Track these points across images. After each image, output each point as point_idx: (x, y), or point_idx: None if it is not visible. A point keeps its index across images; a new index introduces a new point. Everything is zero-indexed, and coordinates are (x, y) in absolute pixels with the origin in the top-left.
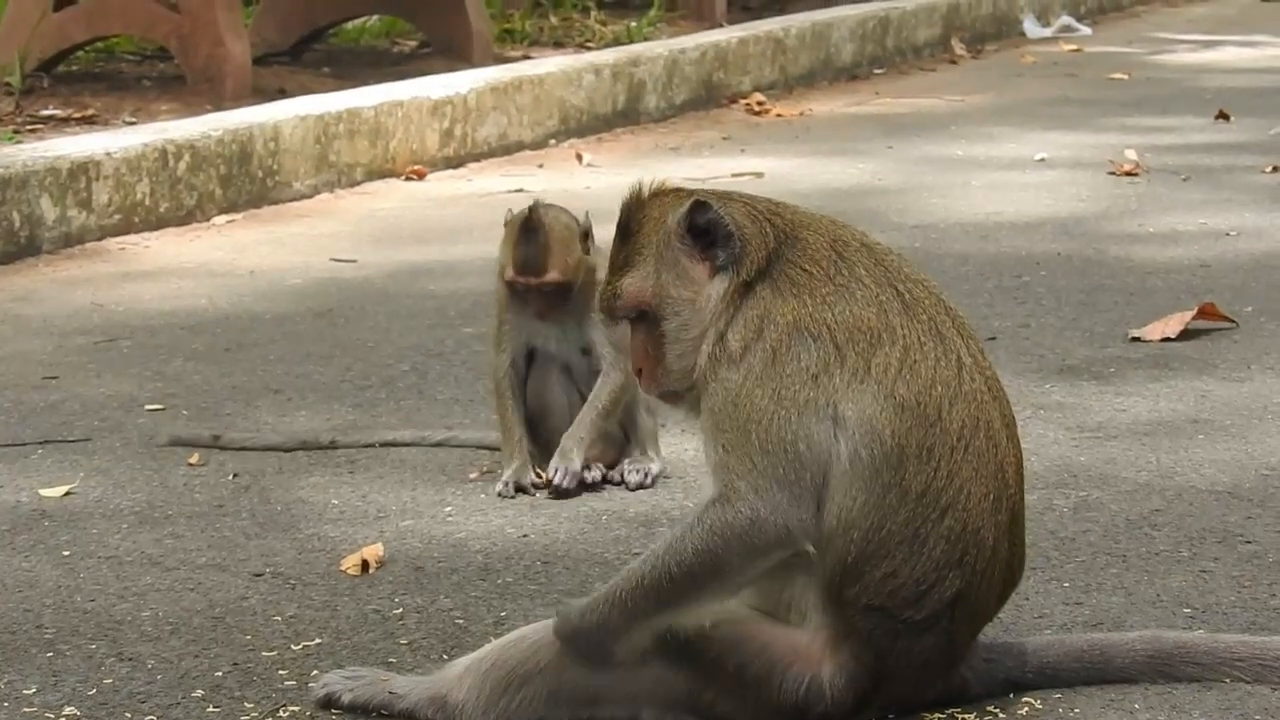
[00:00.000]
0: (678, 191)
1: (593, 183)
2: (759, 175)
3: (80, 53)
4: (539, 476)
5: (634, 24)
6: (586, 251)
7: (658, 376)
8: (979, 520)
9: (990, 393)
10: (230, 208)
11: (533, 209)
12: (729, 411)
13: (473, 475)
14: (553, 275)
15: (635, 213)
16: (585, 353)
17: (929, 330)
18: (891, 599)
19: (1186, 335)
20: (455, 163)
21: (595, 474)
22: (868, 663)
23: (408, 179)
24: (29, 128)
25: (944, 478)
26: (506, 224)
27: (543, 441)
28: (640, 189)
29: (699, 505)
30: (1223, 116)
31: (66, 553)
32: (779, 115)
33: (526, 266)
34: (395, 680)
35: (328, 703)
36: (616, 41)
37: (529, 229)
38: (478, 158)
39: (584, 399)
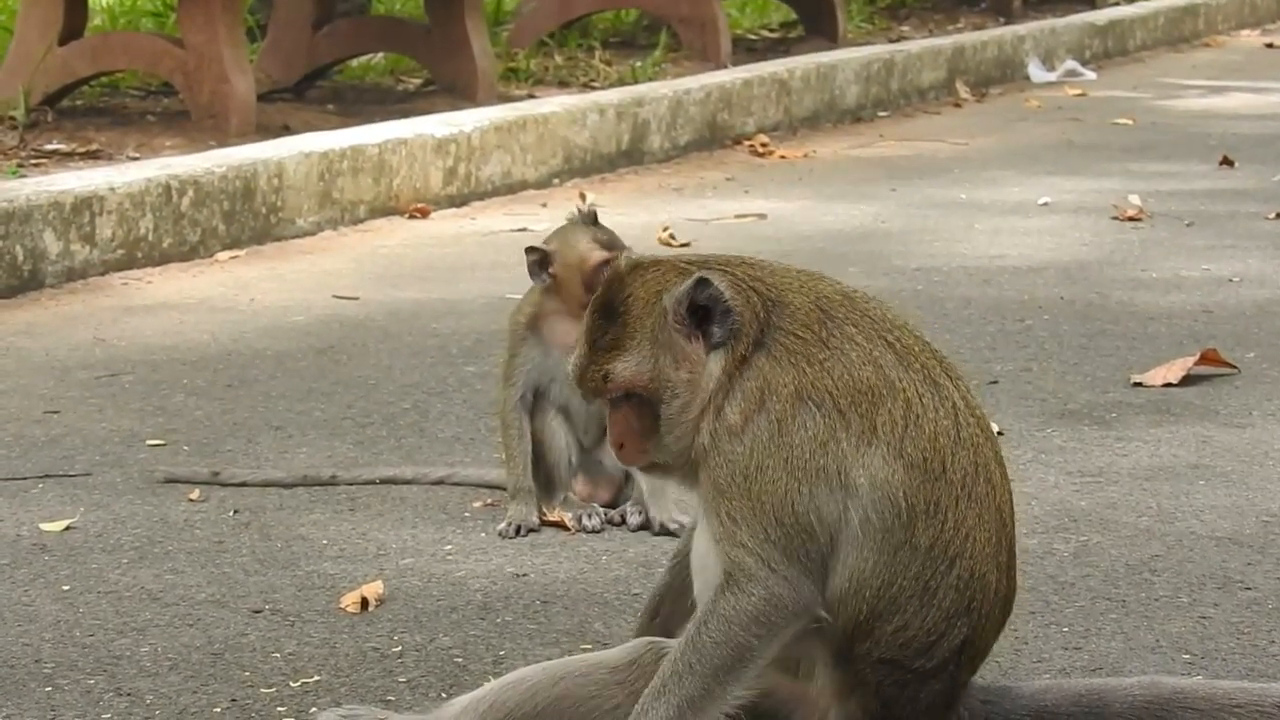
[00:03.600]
0: (657, 264)
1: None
2: (762, 217)
3: (85, 87)
4: (543, 516)
5: (638, 64)
6: None
7: (643, 452)
8: (984, 565)
9: (984, 433)
10: (234, 244)
11: (594, 210)
12: (739, 483)
13: (476, 504)
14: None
15: (619, 291)
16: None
17: (925, 379)
18: (903, 651)
19: (1188, 381)
20: (459, 201)
21: (595, 521)
22: (875, 711)
23: (411, 217)
24: (33, 162)
25: (951, 528)
26: (547, 241)
27: (541, 480)
28: (619, 265)
29: (705, 604)
30: (1227, 163)
31: (66, 587)
32: (783, 157)
33: (613, 243)
34: (392, 719)
35: None
36: (621, 81)
37: (594, 218)
38: (481, 196)
39: (580, 441)
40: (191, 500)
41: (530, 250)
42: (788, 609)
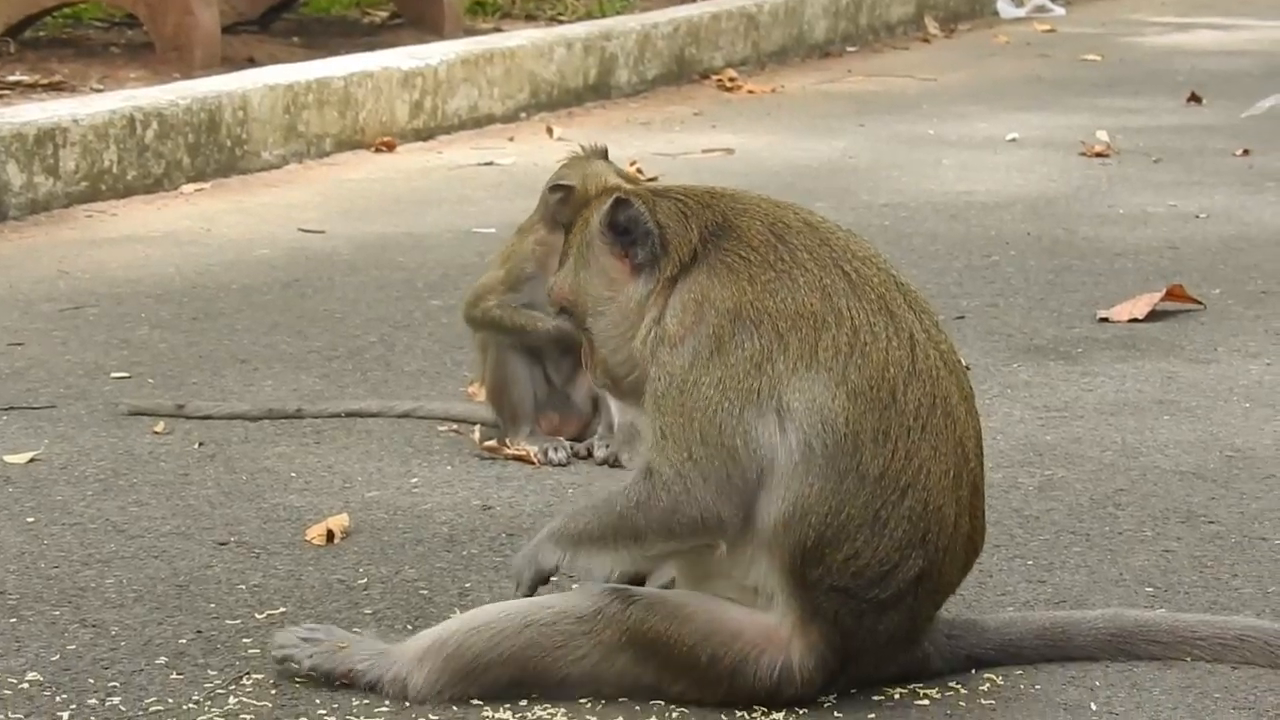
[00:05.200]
0: (618, 190)
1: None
2: (730, 152)
3: (48, 19)
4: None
5: None
6: None
7: (596, 370)
8: (940, 498)
9: (946, 367)
10: (198, 177)
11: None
12: (673, 396)
13: (441, 429)
14: None
15: (577, 211)
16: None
17: (878, 309)
18: (855, 580)
19: (1154, 317)
20: (425, 135)
21: (561, 455)
22: (835, 643)
23: (377, 150)
24: None
25: (902, 459)
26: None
27: (506, 414)
28: (588, 189)
29: (634, 471)
30: (1194, 99)
31: (30, 519)
32: (750, 92)
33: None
34: (355, 649)
35: (285, 665)
36: (588, 15)
37: (605, 153)
38: (448, 130)
39: (546, 377)
40: (156, 433)
41: (556, 188)
42: (688, 521)
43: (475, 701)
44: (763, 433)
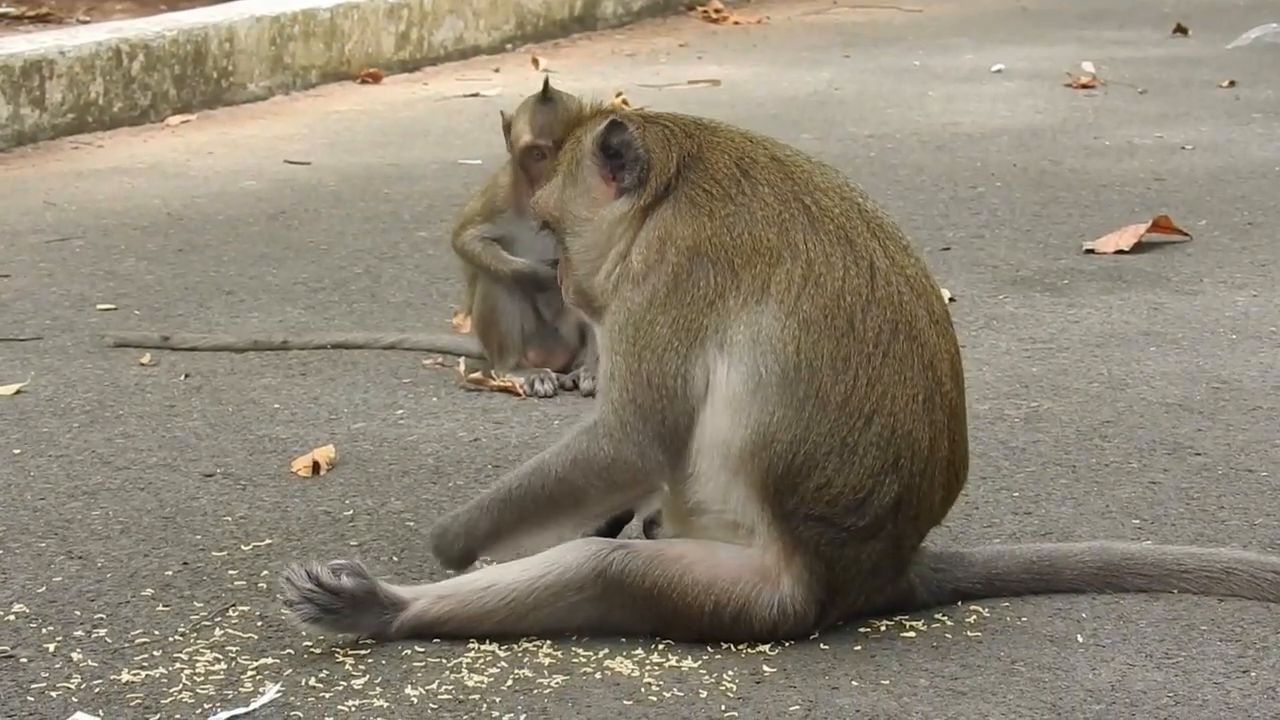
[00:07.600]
0: (610, 115)
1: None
2: (715, 83)
3: None
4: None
5: None
6: None
7: (569, 285)
8: (910, 423)
9: (912, 291)
10: (184, 108)
11: (547, 82)
12: (628, 333)
13: (427, 361)
14: None
15: (570, 129)
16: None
17: (837, 240)
18: (831, 508)
19: (1140, 248)
20: (411, 66)
21: (548, 386)
22: (820, 573)
23: (363, 82)
24: None
25: (864, 385)
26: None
27: (493, 346)
28: (583, 108)
29: (572, 430)
30: (1180, 30)
31: (17, 450)
32: (737, 23)
33: (545, 130)
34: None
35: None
36: None
37: (546, 96)
38: (434, 61)
39: (535, 309)
40: (142, 364)
41: (503, 114)
42: (629, 471)
43: None
44: (702, 374)
